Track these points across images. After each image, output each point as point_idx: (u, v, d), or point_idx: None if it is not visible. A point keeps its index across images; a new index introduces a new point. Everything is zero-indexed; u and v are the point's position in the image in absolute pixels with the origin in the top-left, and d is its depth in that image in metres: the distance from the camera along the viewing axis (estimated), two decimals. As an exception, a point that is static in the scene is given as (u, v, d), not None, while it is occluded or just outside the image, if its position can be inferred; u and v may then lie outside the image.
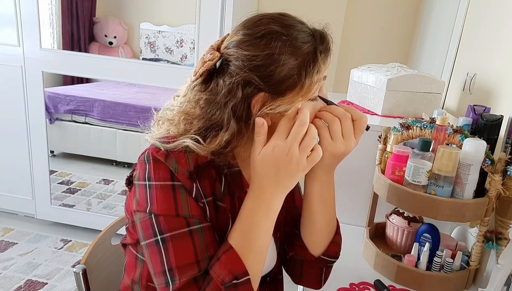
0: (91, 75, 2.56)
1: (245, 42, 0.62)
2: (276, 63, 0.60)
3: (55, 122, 3.16)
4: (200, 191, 0.62)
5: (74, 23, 3.48)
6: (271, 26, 0.62)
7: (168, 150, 0.61)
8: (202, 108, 0.63)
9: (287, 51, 0.60)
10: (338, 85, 2.47)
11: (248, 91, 0.61)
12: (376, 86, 1.32)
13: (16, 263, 2.08)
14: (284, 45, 0.60)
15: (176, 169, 0.60)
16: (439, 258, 0.91)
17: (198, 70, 0.64)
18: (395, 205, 0.95)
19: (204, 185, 0.63)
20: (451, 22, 1.71)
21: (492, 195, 0.85)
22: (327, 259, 0.77)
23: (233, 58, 0.62)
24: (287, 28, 0.62)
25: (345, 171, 1.21)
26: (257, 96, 0.61)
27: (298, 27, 0.64)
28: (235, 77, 0.61)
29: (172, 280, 0.58)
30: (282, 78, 0.61)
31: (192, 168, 0.61)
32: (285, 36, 0.61)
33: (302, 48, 0.61)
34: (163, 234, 0.59)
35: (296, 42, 0.61)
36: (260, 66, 0.60)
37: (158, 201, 0.60)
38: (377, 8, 2.43)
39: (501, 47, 1.22)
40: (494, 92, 1.19)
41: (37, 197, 2.45)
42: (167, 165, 0.60)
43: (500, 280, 0.77)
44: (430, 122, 0.94)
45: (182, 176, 0.60)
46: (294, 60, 0.61)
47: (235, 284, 0.59)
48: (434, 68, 1.87)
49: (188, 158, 0.61)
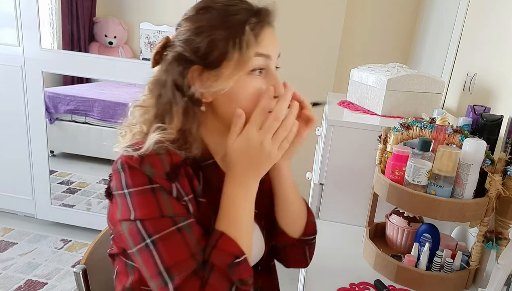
0: (91, 75, 2.56)
1: (184, 20, 0.66)
2: (204, 35, 0.63)
3: (55, 122, 3.16)
4: (180, 190, 0.63)
5: (74, 23, 3.48)
6: (208, 2, 0.65)
7: (141, 155, 0.61)
8: (151, 91, 0.68)
9: (215, 23, 0.63)
10: (338, 85, 2.47)
11: (183, 64, 0.64)
12: (376, 86, 1.32)
13: (16, 263, 2.08)
14: (213, 18, 0.63)
15: (152, 173, 0.60)
16: (439, 258, 0.91)
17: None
18: (395, 205, 0.95)
19: (183, 184, 0.64)
20: (451, 22, 1.71)
21: (492, 195, 0.85)
22: (307, 238, 0.82)
23: (176, 37, 0.66)
24: (221, 2, 0.65)
25: (345, 171, 1.21)
26: (192, 68, 0.64)
27: (235, 2, 0.65)
28: (172, 53, 0.65)
29: (170, 278, 0.58)
30: (211, 50, 0.63)
31: (168, 169, 0.62)
32: (216, 10, 0.64)
33: (230, 20, 0.63)
34: (151, 236, 0.59)
35: (226, 14, 0.64)
36: (191, 39, 0.64)
37: (140, 207, 0.60)
38: (377, 8, 2.43)
39: (501, 47, 1.22)
40: (494, 92, 1.19)
41: (37, 197, 2.45)
42: (143, 171, 0.60)
43: (500, 280, 0.77)
44: (430, 122, 0.94)
45: (160, 178, 0.61)
46: (222, 32, 0.63)
47: (237, 263, 0.61)
48: (434, 68, 1.86)
49: (162, 160, 0.62)
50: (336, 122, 1.19)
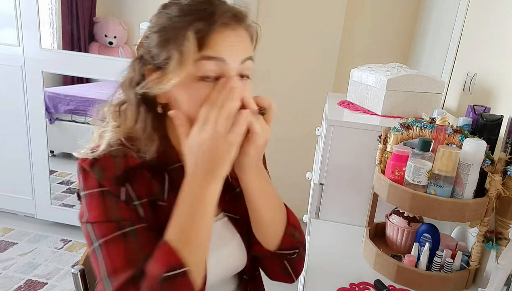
0: (91, 75, 2.56)
1: (152, 16, 0.67)
2: (156, 35, 0.63)
3: (55, 122, 3.16)
4: (130, 194, 0.62)
5: (74, 23, 3.47)
6: (167, 2, 0.65)
7: (95, 158, 0.62)
8: (116, 92, 0.68)
9: (167, 23, 0.62)
10: (338, 85, 2.47)
11: (141, 63, 0.65)
12: (376, 86, 1.32)
13: (16, 263, 2.08)
14: (168, 17, 0.63)
15: (101, 176, 0.61)
16: (439, 258, 0.91)
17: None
18: (395, 205, 0.95)
19: (137, 188, 0.63)
20: (451, 22, 1.71)
21: (492, 195, 0.85)
22: (285, 252, 0.73)
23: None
24: (177, 3, 0.63)
25: (345, 171, 1.21)
26: (147, 68, 0.64)
27: (191, 1, 0.63)
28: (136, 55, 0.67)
29: (110, 284, 0.58)
30: (159, 51, 0.62)
31: (121, 172, 0.62)
32: (175, 8, 0.63)
33: (181, 20, 0.61)
34: (97, 240, 0.60)
35: (179, 14, 0.62)
36: (147, 38, 0.65)
37: (91, 209, 0.61)
38: (377, 8, 2.43)
39: (501, 47, 1.22)
40: (494, 92, 1.19)
41: (37, 197, 2.45)
42: (93, 173, 0.61)
43: (500, 280, 0.77)
44: (430, 122, 0.94)
45: (108, 181, 0.61)
46: (170, 33, 0.61)
47: (171, 276, 0.56)
48: (434, 68, 1.86)
49: (116, 163, 0.62)
50: (336, 122, 1.19)
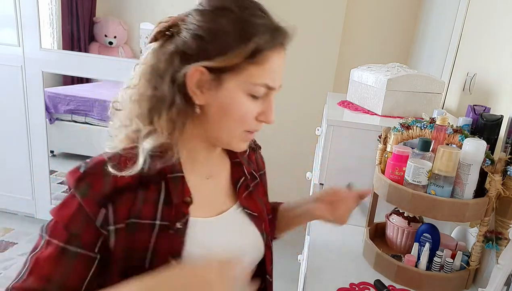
0: (91, 75, 2.56)
1: (197, 12, 0.61)
2: (215, 39, 0.58)
3: (55, 122, 3.16)
4: (108, 217, 0.57)
5: (74, 23, 3.48)
6: (225, 2, 0.60)
7: (85, 172, 0.58)
8: (148, 81, 0.61)
9: (231, 31, 0.58)
10: (338, 85, 2.47)
11: (184, 60, 0.59)
12: (376, 86, 1.32)
13: (16, 263, 2.07)
14: (229, 23, 0.58)
15: (85, 194, 0.57)
16: (439, 258, 0.91)
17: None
18: (395, 205, 0.95)
19: (120, 209, 0.58)
20: (451, 22, 1.71)
21: (492, 195, 0.85)
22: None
23: (184, 26, 0.61)
24: (241, 8, 0.59)
25: (345, 171, 1.21)
26: (193, 67, 0.58)
27: (254, 12, 0.60)
28: (175, 44, 0.60)
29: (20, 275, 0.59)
30: (220, 56, 0.58)
31: (108, 191, 0.57)
32: (233, 14, 0.59)
33: (246, 34, 0.58)
34: (46, 232, 0.60)
35: (242, 23, 0.58)
36: (200, 37, 0.58)
37: (61, 206, 0.59)
38: (377, 8, 2.43)
39: (501, 47, 1.22)
40: (494, 92, 1.19)
41: (37, 197, 2.45)
42: (75, 192, 0.57)
43: (500, 280, 0.77)
44: (430, 122, 0.94)
45: (90, 201, 0.57)
46: (236, 43, 0.58)
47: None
48: (434, 68, 1.86)
49: (105, 180, 0.57)
50: (336, 122, 1.19)
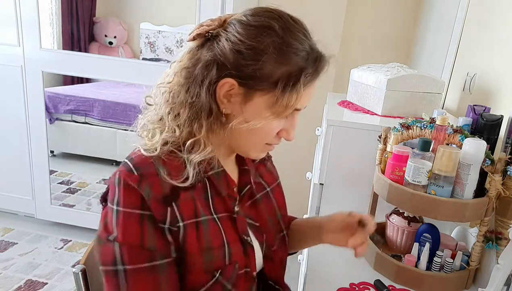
0: (91, 75, 2.56)
1: (241, 24, 0.61)
2: (256, 58, 0.59)
3: (55, 122, 3.15)
4: (176, 214, 0.60)
5: (74, 23, 3.47)
6: (271, 22, 0.60)
7: (140, 174, 0.58)
8: (182, 85, 0.62)
9: (272, 52, 0.58)
10: (338, 85, 2.47)
11: (220, 71, 0.60)
12: (376, 86, 1.32)
13: (16, 263, 2.07)
14: (272, 45, 0.58)
15: (149, 195, 0.57)
16: (439, 258, 0.91)
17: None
18: (395, 205, 0.95)
19: (182, 207, 0.60)
20: (451, 22, 1.71)
21: (492, 195, 0.85)
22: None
23: (225, 35, 0.61)
24: (285, 30, 0.60)
25: (345, 171, 1.21)
26: (226, 80, 0.60)
27: (298, 36, 0.61)
28: (214, 53, 0.60)
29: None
30: (257, 75, 0.59)
31: (168, 191, 0.59)
32: (278, 37, 0.59)
33: (289, 59, 0.59)
34: (124, 265, 0.57)
35: (286, 47, 0.59)
36: (240, 52, 0.59)
37: (124, 229, 0.58)
38: (377, 8, 2.43)
39: (501, 47, 1.22)
40: (494, 92, 1.19)
41: (37, 197, 2.45)
42: (140, 192, 0.57)
43: (500, 280, 0.77)
44: (430, 122, 0.94)
45: (155, 201, 0.58)
46: (277, 66, 0.59)
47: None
48: (434, 68, 1.86)
49: (161, 181, 0.59)
50: (336, 122, 1.19)
